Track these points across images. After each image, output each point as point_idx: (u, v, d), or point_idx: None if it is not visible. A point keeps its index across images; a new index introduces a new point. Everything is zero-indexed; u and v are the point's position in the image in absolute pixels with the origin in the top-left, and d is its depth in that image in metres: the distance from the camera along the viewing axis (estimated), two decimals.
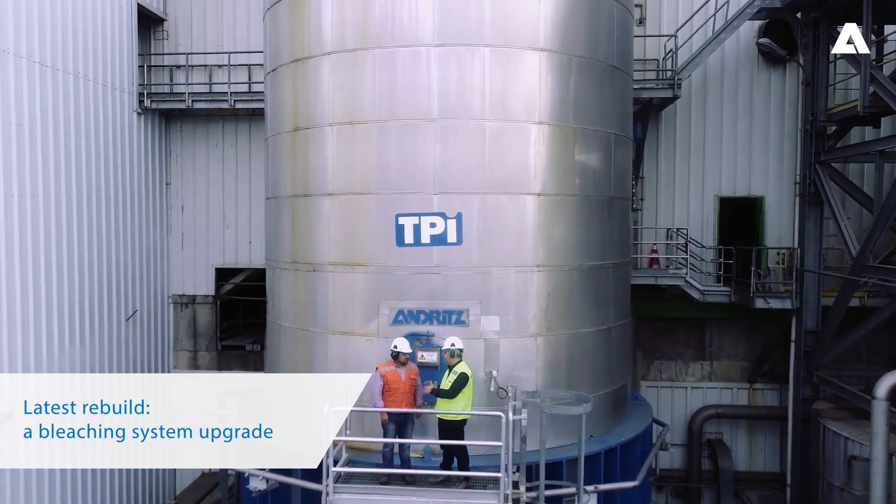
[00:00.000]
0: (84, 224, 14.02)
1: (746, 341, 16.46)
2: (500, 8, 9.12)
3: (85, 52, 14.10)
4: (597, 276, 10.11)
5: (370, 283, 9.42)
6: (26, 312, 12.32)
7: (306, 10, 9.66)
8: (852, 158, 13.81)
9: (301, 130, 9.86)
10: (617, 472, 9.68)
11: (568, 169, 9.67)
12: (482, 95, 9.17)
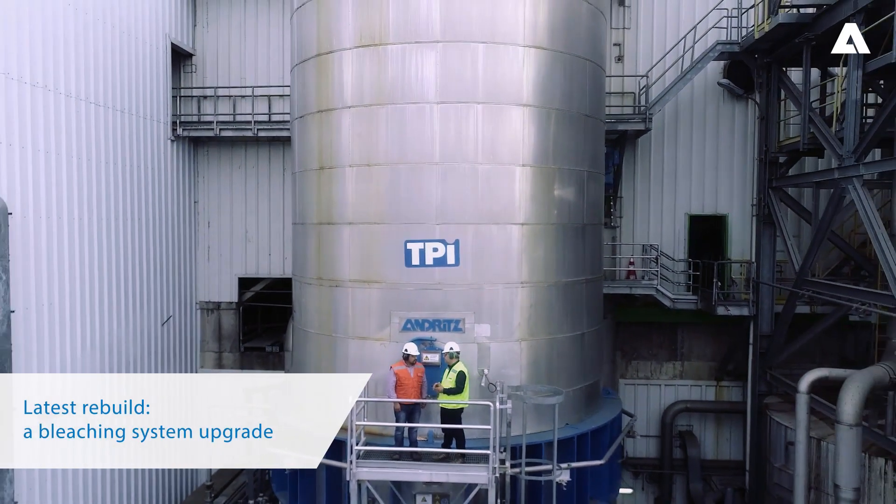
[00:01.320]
0: (126, 240, 15.90)
1: (713, 343, 18.44)
2: (491, 72, 11.09)
3: (128, 89, 16.01)
4: (572, 290, 12.10)
5: (384, 296, 11.39)
6: (82, 319, 14.26)
7: (331, 70, 11.63)
8: (798, 185, 15.78)
9: (325, 170, 11.84)
10: (588, 454, 11.65)
11: (547, 202, 11.66)
12: (476, 143, 11.15)
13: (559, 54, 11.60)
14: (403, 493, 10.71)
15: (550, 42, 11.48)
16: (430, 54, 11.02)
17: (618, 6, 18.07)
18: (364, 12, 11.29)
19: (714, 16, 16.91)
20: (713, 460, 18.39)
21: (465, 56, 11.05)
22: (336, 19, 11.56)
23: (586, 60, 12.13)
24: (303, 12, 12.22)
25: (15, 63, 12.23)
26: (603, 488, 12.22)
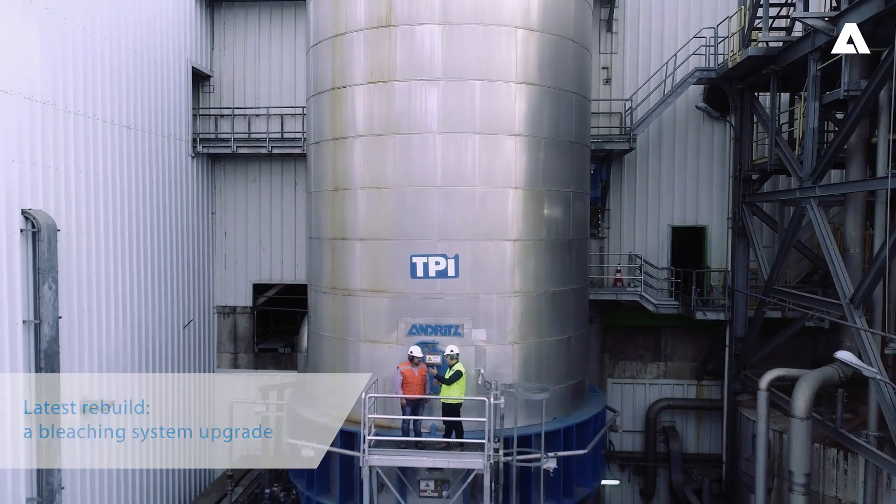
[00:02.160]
0: (152, 250, 17.27)
1: (694, 345, 19.86)
2: (487, 106, 12.51)
3: (154, 111, 17.41)
4: (559, 299, 13.53)
5: (391, 304, 12.81)
6: (115, 324, 15.68)
7: (345, 102, 13.05)
8: (767, 201, 17.17)
9: (339, 191, 13.27)
10: (573, 444, 13.07)
11: (537, 220, 13.09)
12: (473, 168, 12.57)
13: (547, 89, 13.03)
14: (409, 477, 12.16)
15: (539, 78, 12.91)
16: (433, 90, 12.46)
17: (606, 32, 19.49)
18: (374, 52, 12.72)
19: (694, 43, 18.34)
20: (694, 454, 19.80)
21: (463, 92, 12.49)
22: (349, 58, 12.99)
23: (572, 93, 13.58)
24: (318, 50, 13.65)
25: (61, 94, 13.65)
26: (587, 476, 13.65)
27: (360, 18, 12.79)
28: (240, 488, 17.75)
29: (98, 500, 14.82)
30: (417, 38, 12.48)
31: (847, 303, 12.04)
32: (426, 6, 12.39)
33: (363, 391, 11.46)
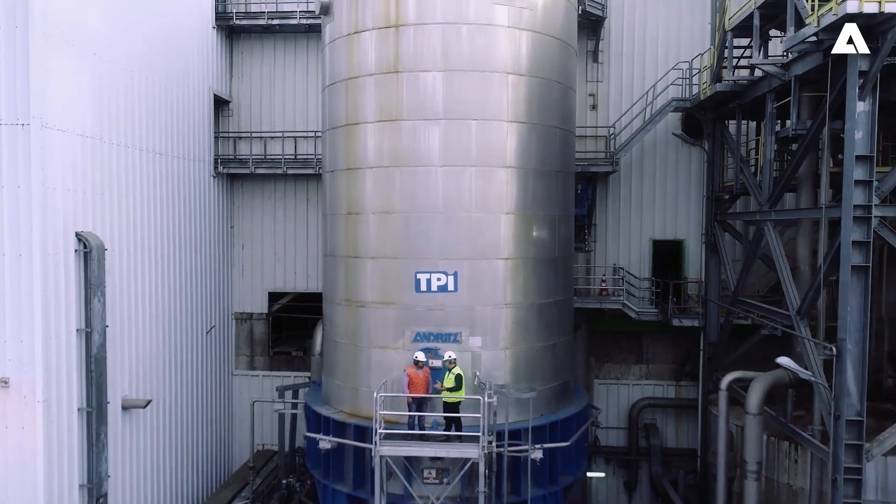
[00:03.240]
0: (179, 263, 19.01)
1: (673, 349, 21.68)
2: (482, 142, 14.31)
3: (181, 137, 19.19)
4: (546, 309, 15.34)
5: (398, 315, 14.61)
6: (148, 331, 17.47)
7: (357, 137, 14.85)
8: (735, 220, 18.93)
9: (352, 215, 15.08)
10: (558, 437, 14.85)
11: (526, 241, 14.89)
12: (470, 196, 14.37)
13: (535, 125, 14.86)
14: (413, 466, 13.96)
15: (528, 117, 14.73)
16: (435, 128, 14.28)
17: (592, 63, 21.32)
18: (383, 94, 14.53)
19: (673, 74, 20.16)
20: (673, 448, 21.60)
21: (462, 129, 14.30)
22: (361, 98, 14.81)
23: (557, 128, 15.40)
24: (333, 89, 15.47)
25: (105, 128, 15.44)
26: (571, 465, 15.47)
27: (371, 64, 14.61)
28: (259, 479, 19.55)
29: (136, 487, 16.61)
30: (421, 83, 14.29)
31: (794, 314, 13.86)
32: (429, 55, 14.21)
33: (375, 392, 13.26)
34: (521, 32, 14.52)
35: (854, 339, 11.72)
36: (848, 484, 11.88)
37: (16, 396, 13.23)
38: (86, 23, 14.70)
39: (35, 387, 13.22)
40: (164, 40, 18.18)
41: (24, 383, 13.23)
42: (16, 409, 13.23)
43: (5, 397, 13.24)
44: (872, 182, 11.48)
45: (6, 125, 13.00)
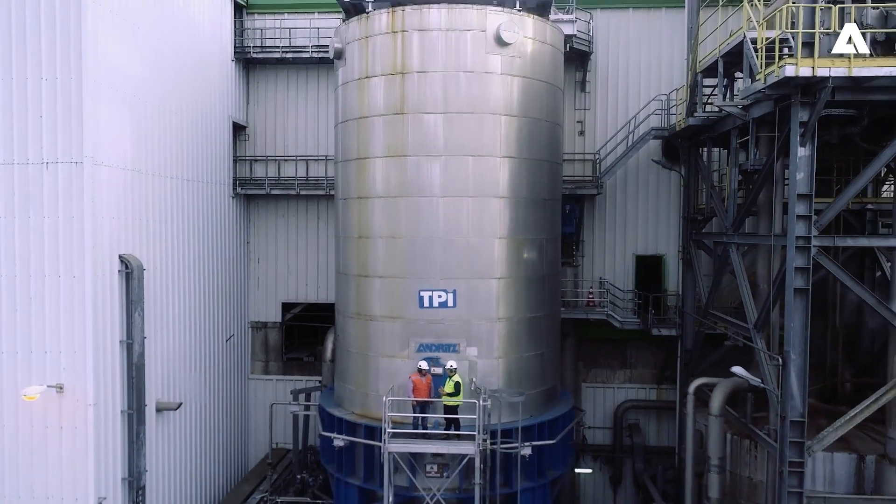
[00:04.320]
0: (202, 278, 20.88)
1: (654, 355, 23.56)
2: (478, 175, 16.21)
3: (204, 163, 21.08)
4: (535, 322, 17.25)
5: (404, 328, 16.51)
6: (176, 341, 19.37)
7: (367, 170, 16.75)
8: (707, 239, 20.79)
9: (363, 238, 16.99)
10: (545, 436, 16.75)
11: (517, 262, 16.80)
12: (467, 223, 16.28)
13: (525, 160, 16.77)
14: (417, 461, 15.87)
15: (519, 152, 16.65)
16: (437, 163, 16.19)
17: (580, 92, 23.23)
18: (391, 132, 16.44)
19: (654, 103, 22.07)
20: (654, 446, 23.48)
21: (460, 164, 16.21)
22: (371, 136, 16.71)
23: (545, 161, 17.33)
24: (346, 126, 17.38)
25: (142, 161, 17.33)
26: (557, 461, 17.38)
27: (380, 106, 16.52)
28: (275, 475, 21.43)
29: (168, 480, 18.52)
30: (424, 123, 16.20)
31: (752, 327, 15.78)
32: (431, 99, 16.12)
33: (384, 396, 15.17)
34: (513, 78, 16.44)
35: (797, 351, 13.62)
36: (792, 476, 13.77)
37: (70, 400, 15.12)
38: (128, 69, 16.62)
39: (86, 392, 15.10)
40: (190, 76, 20.07)
41: (76, 389, 15.11)
42: (70, 411, 15.12)
43: (60, 401, 15.13)
44: (811, 217, 13.38)
45: (63, 163, 14.91)
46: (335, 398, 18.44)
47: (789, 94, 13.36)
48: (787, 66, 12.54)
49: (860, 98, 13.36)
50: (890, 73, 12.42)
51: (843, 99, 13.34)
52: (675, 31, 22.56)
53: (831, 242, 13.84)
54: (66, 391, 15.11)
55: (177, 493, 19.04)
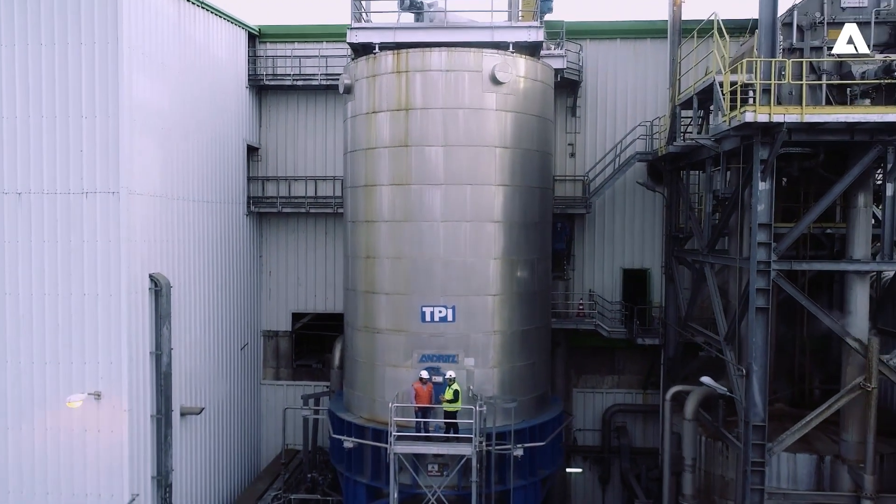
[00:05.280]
0: (219, 291, 22.55)
1: (640, 362, 25.20)
2: (475, 202, 17.86)
3: (221, 185, 22.73)
4: (527, 335, 18.90)
5: (407, 340, 18.16)
6: (198, 351, 21.02)
7: (374, 196, 18.41)
8: (688, 256, 22.44)
9: (370, 258, 18.64)
10: (536, 438, 18.37)
11: (510, 280, 18.47)
12: (465, 245, 17.93)
13: (518, 187, 18.44)
14: (420, 461, 17.50)
15: (512, 180, 18.31)
16: (437, 191, 17.84)
17: (571, 116, 24.90)
18: (396, 163, 18.09)
19: (640, 129, 23.71)
20: (640, 447, 25.13)
21: (459, 192, 17.86)
22: (378, 165, 18.37)
23: (536, 187, 19.00)
24: (354, 155, 19.04)
25: (169, 187, 19.00)
26: (547, 461, 19.03)
27: (386, 139, 18.18)
28: (287, 473, 23.09)
29: (190, 477, 20.19)
30: (426, 155, 17.86)
31: (722, 339, 17.45)
32: (432, 133, 17.79)
33: (390, 402, 16.83)
34: (507, 114, 18.11)
35: (759, 363, 15.29)
36: (755, 474, 15.44)
37: (106, 406, 16.78)
38: (157, 104, 18.29)
39: (121, 398, 16.77)
40: (209, 104, 21.73)
41: (112, 396, 16.79)
42: (107, 416, 16.79)
43: (98, 407, 16.80)
44: (771, 244, 15.04)
45: (101, 193, 16.58)
46: (344, 403, 20.09)
47: (752, 135, 15.01)
48: (747, 113, 14.20)
49: (814, 139, 15.02)
50: (836, 119, 14.10)
51: (799, 139, 15.00)
52: (660, 60, 24.20)
53: (789, 266, 15.52)
54: (104, 398, 16.77)
55: (199, 490, 20.70)
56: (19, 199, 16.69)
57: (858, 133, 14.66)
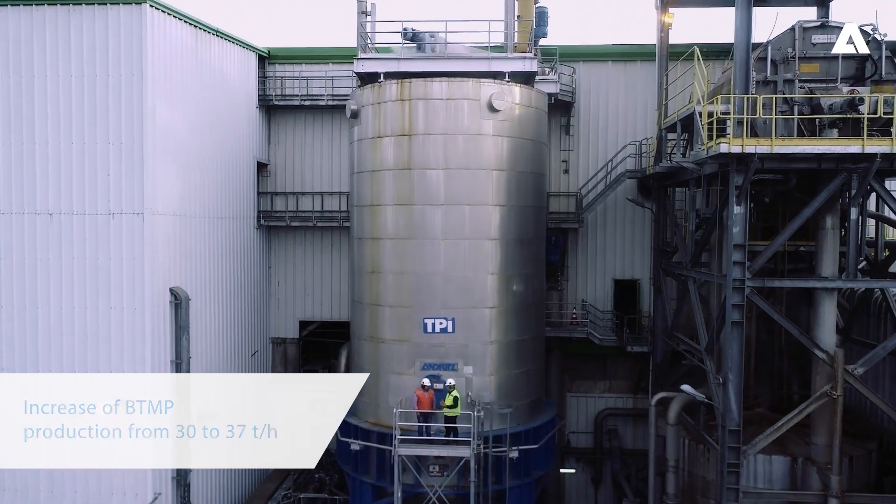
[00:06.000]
0: (231, 302, 23.88)
1: (631, 369, 26.48)
2: (473, 221, 19.19)
3: (234, 201, 24.03)
4: (522, 344, 20.23)
5: (410, 349, 19.48)
6: (215, 360, 22.33)
7: (379, 215, 19.72)
8: (675, 269, 23.76)
9: (375, 273, 19.96)
10: (531, 441, 19.70)
11: (506, 294, 19.79)
12: (464, 261, 19.26)
13: (513, 206, 19.76)
14: (422, 462, 18.80)
15: (507, 201, 19.64)
16: (438, 211, 19.17)
17: (565, 135, 26.19)
18: (399, 184, 19.42)
19: (630, 147, 25.03)
20: (631, 449, 26.38)
21: (458, 212, 19.19)
22: (382, 186, 19.69)
23: (531, 206, 20.34)
24: (361, 177, 20.37)
25: (187, 206, 20.32)
26: (541, 462, 20.36)
27: (390, 162, 19.51)
28: (295, 474, 24.40)
29: (207, 478, 21.51)
30: (428, 177, 19.19)
31: (703, 350, 18.77)
32: (434, 157, 19.12)
33: (394, 408, 18.15)
34: (503, 139, 19.44)
35: (734, 373, 16.60)
36: (730, 475, 16.75)
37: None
38: (176, 129, 19.63)
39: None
40: (222, 124, 23.04)
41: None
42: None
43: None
44: (745, 263, 16.35)
45: (126, 214, 17.91)
46: (351, 408, 21.36)
47: (728, 162, 16.33)
48: (722, 144, 15.52)
49: (785, 167, 16.34)
50: (803, 151, 15.42)
51: (771, 167, 16.31)
52: (649, 82, 25.42)
53: (762, 284, 16.85)
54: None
55: (213, 489, 22.01)
56: (51, 220, 18.01)
57: (825, 162, 15.96)
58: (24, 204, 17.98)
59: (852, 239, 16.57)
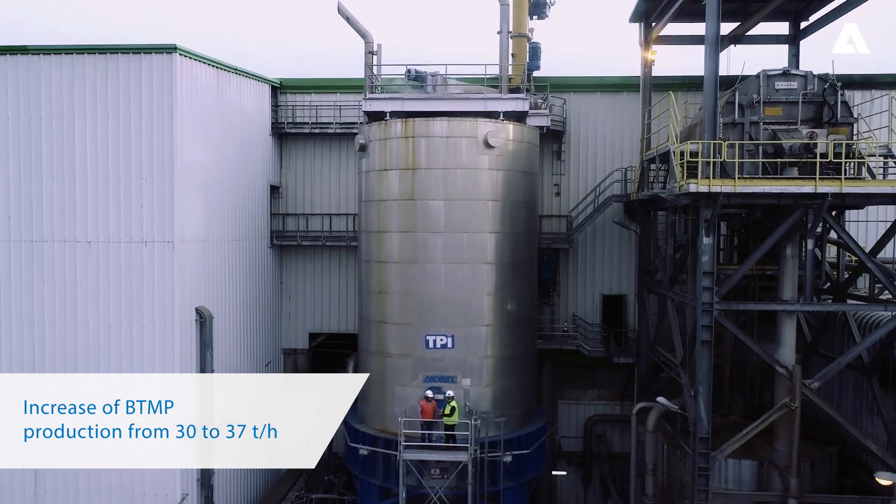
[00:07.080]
0: (248, 317, 25.84)
1: (618, 378, 28.40)
2: (470, 246, 21.14)
3: (249, 223, 25.97)
4: (515, 358, 22.18)
5: (413, 363, 21.42)
6: (229, 366, 24.25)
7: (385, 240, 21.68)
8: (656, 287, 25.69)
9: (381, 293, 21.91)
10: (523, 446, 21.65)
11: (501, 312, 21.74)
12: (463, 283, 21.20)
13: (507, 233, 21.72)
14: (424, 466, 20.75)
15: (502, 228, 21.60)
16: (439, 238, 21.12)
17: (556, 160, 28.15)
18: (403, 213, 21.37)
19: (617, 173, 26.97)
20: (618, 453, 28.22)
21: (457, 239, 21.15)
22: (388, 215, 21.65)
23: (523, 232, 22.29)
24: (368, 205, 22.32)
25: (210, 231, 22.24)
26: (532, 466, 22.29)
27: (395, 193, 21.47)
28: (306, 475, 26.32)
29: (225, 479, 23.44)
30: (430, 207, 21.15)
31: (678, 364, 20.72)
32: (435, 188, 21.08)
33: (399, 417, 20.09)
34: (498, 171, 21.41)
35: (704, 386, 18.54)
36: (701, 478, 18.68)
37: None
38: (202, 162, 21.57)
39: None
40: (240, 153, 24.98)
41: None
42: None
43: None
44: (713, 288, 18.29)
45: (158, 242, 19.85)
46: (358, 415, 23.33)
47: (698, 199, 18.27)
48: (691, 184, 17.47)
49: (749, 202, 18.28)
50: (763, 190, 17.37)
51: (737, 203, 18.25)
52: (635, 111, 27.40)
53: (728, 307, 18.80)
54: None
55: (232, 490, 23.95)
56: (89, 247, 19.95)
57: (784, 199, 17.90)
58: (65, 233, 19.93)
59: (809, 267, 18.50)
